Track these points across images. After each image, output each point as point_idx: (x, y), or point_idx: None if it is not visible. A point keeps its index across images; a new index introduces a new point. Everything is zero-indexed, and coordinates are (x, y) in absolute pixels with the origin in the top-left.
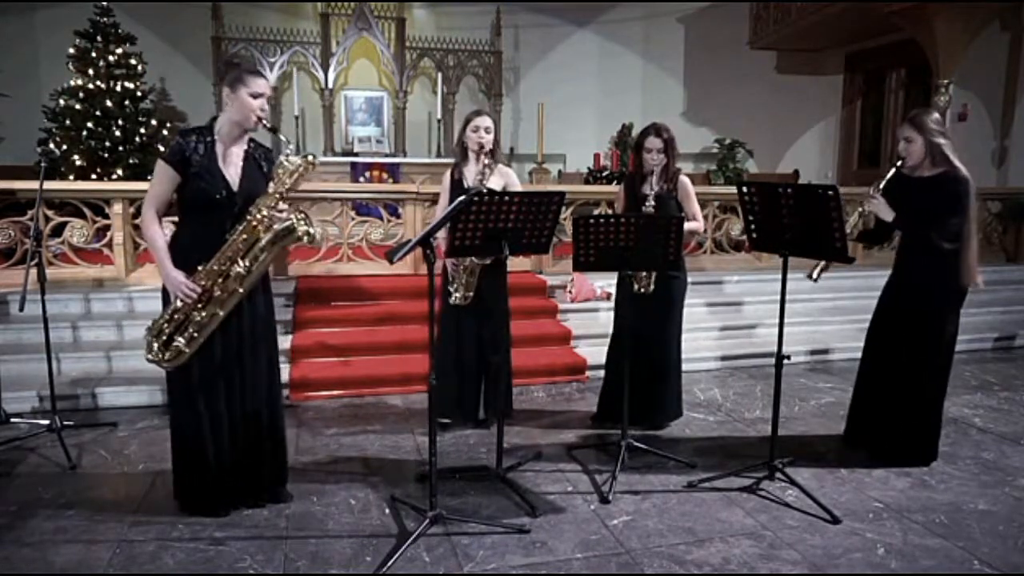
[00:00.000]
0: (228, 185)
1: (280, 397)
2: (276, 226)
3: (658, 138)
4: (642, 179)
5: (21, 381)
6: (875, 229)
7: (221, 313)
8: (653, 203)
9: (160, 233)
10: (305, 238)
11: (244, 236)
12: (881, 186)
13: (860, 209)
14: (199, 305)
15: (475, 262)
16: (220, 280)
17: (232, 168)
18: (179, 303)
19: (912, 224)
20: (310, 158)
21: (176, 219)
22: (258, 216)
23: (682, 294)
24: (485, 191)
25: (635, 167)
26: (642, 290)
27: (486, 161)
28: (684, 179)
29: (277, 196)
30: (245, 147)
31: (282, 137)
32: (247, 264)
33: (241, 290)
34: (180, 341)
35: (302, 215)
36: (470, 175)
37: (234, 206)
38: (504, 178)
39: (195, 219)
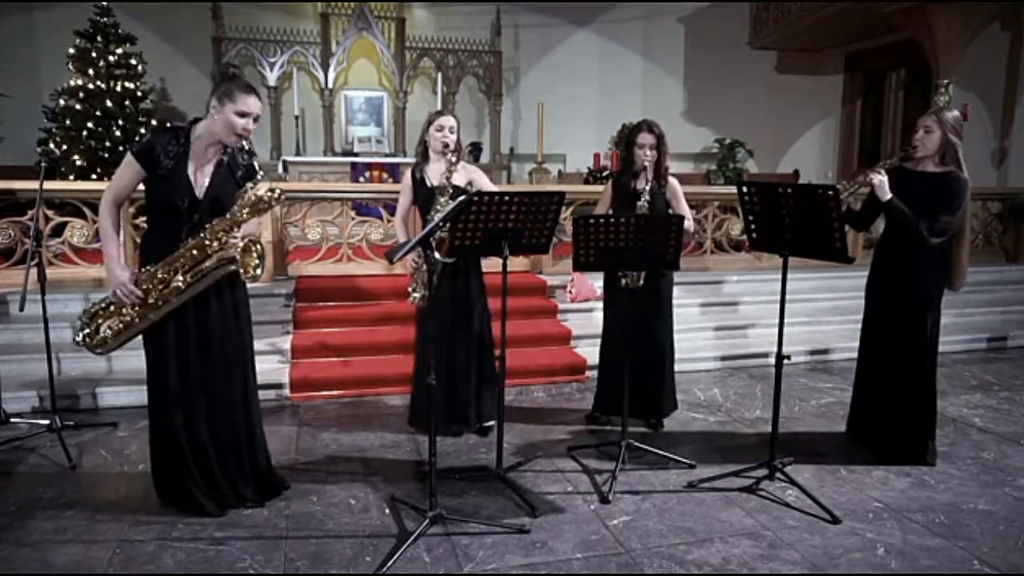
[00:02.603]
0: (192, 192)
1: (255, 393)
2: (221, 253)
3: (650, 134)
4: (632, 176)
5: (21, 381)
6: (859, 213)
7: (152, 317)
8: (649, 199)
9: (114, 227)
10: (251, 272)
11: (194, 252)
12: (885, 166)
13: (860, 178)
14: (135, 307)
15: (438, 260)
16: (160, 287)
17: (202, 176)
18: (114, 298)
19: (904, 211)
20: (276, 193)
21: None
22: (210, 237)
23: (670, 289)
24: (471, 191)
25: (624, 165)
26: (630, 284)
27: (452, 159)
28: (673, 179)
29: (233, 222)
30: (220, 154)
31: (256, 163)
32: (187, 279)
33: (175, 301)
34: (108, 332)
35: (256, 248)
36: (433, 174)
37: (195, 213)
38: (469, 175)
39: (159, 219)
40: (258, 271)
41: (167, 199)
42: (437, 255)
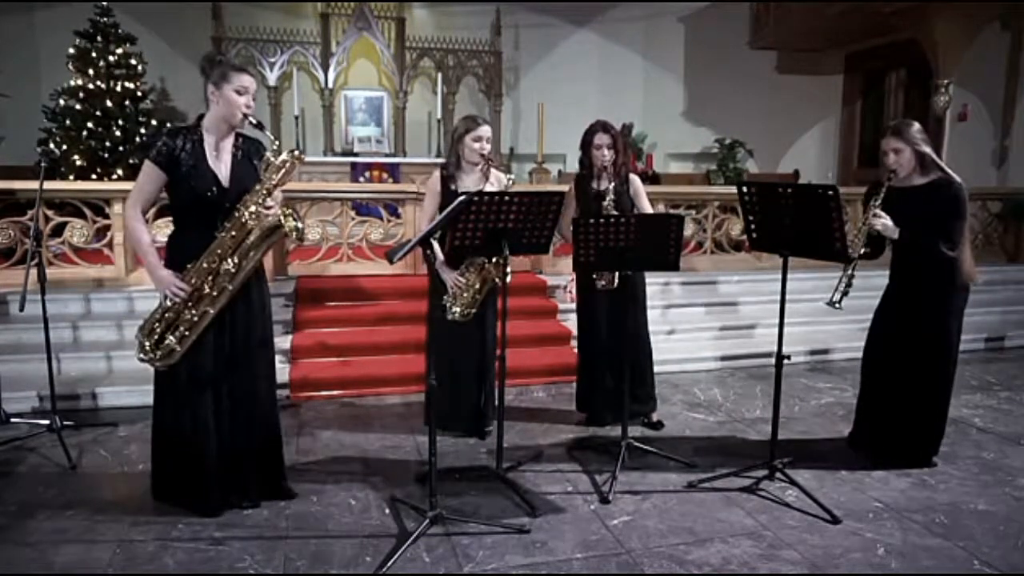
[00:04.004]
0: (218, 182)
1: (274, 393)
2: (263, 223)
3: (606, 134)
4: (592, 177)
5: (21, 381)
6: (867, 245)
7: (211, 311)
8: (613, 197)
9: (146, 232)
10: (293, 233)
11: (233, 233)
12: (879, 203)
13: (864, 228)
14: (189, 303)
15: (489, 270)
16: (209, 278)
17: (222, 165)
18: (168, 302)
19: (919, 237)
20: (296, 153)
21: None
22: (247, 213)
23: (644, 287)
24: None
25: (581, 166)
26: (606, 286)
27: (484, 169)
28: (635, 177)
29: (264, 192)
30: (233, 142)
31: (268, 135)
32: (236, 261)
33: (231, 287)
34: (171, 339)
35: (290, 210)
36: (467, 185)
37: (225, 203)
38: (497, 184)
39: (189, 218)
40: (300, 227)
41: (195, 194)
42: (455, 310)
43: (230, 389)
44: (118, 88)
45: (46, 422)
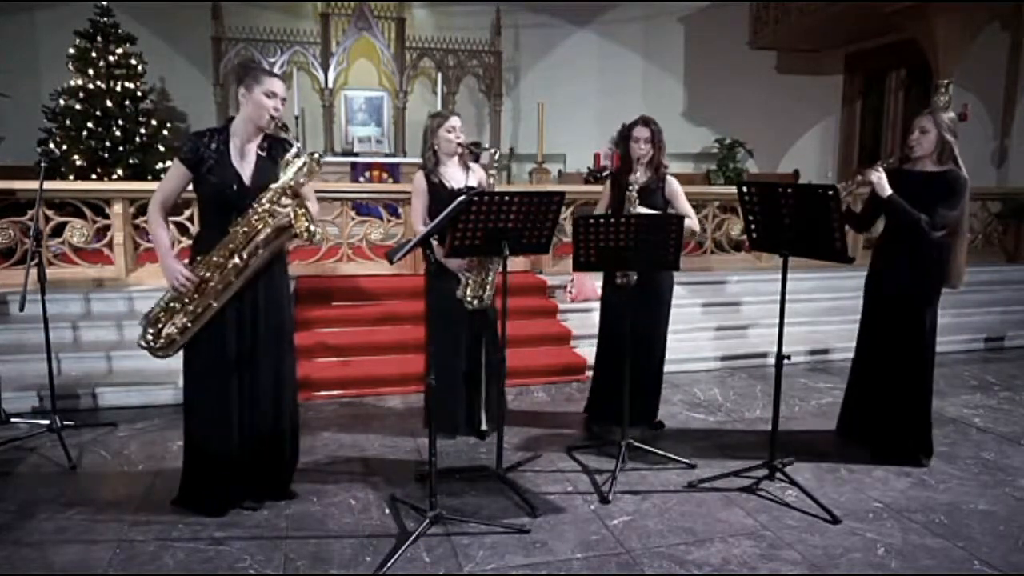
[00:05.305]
0: (240, 180)
1: (294, 392)
2: (274, 221)
3: (646, 127)
4: (627, 172)
5: (21, 381)
6: (860, 214)
7: (215, 304)
8: (636, 190)
9: (163, 226)
10: (304, 234)
11: (245, 229)
12: (883, 166)
13: (858, 177)
14: (195, 295)
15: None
16: (218, 272)
17: (246, 164)
18: (174, 292)
19: (905, 206)
20: (315, 155)
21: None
22: (259, 210)
23: (670, 290)
24: (484, 190)
25: (621, 162)
26: (623, 283)
27: (463, 158)
28: (672, 179)
29: (280, 191)
30: (260, 144)
31: (292, 137)
32: (244, 257)
33: (236, 282)
34: (172, 330)
35: (304, 211)
36: (450, 176)
37: (246, 201)
38: (477, 174)
39: (212, 216)
40: (312, 229)
41: (216, 191)
42: (469, 297)
43: (252, 380)
44: (118, 88)
45: (46, 422)
